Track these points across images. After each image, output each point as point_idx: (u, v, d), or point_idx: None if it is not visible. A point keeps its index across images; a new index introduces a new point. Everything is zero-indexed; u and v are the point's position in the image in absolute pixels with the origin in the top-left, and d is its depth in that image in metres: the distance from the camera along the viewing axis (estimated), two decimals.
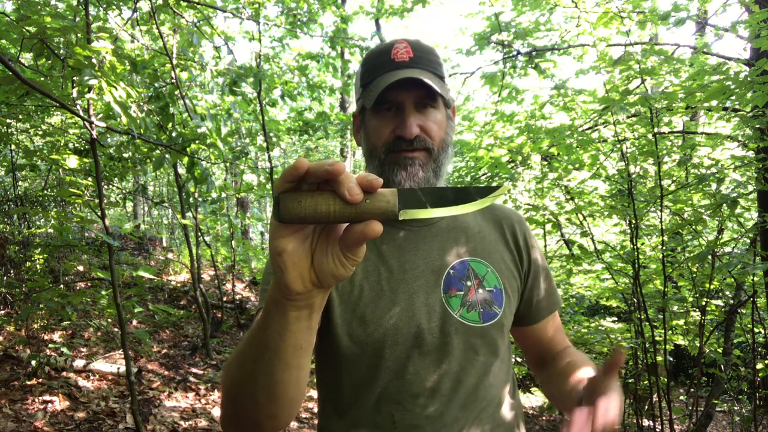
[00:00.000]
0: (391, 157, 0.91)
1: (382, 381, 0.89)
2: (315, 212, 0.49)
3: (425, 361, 0.89)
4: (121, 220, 10.98)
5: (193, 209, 5.05)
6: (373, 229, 0.49)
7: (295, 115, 8.06)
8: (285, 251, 0.52)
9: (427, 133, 0.91)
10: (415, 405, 0.88)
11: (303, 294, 0.55)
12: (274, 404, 0.66)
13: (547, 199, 4.21)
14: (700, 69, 3.10)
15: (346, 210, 0.49)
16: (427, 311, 0.90)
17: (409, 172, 0.90)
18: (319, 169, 0.48)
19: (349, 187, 0.48)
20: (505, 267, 0.99)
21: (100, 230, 2.90)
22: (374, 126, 0.93)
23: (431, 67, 0.92)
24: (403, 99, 0.90)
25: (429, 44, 0.96)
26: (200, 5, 4.15)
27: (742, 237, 3.26)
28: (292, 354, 0.61)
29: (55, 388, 3.46)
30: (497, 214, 1.05)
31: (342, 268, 0.54)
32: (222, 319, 5.98)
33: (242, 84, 4.22)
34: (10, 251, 4.59)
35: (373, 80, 0.93)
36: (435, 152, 0.92)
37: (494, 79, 5.06)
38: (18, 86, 2.13)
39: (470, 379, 0.91)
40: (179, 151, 2.97)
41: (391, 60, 0.91)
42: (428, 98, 0.91)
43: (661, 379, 3.18)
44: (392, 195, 0.50)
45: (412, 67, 0.90)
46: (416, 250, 0.95)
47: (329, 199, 0.49)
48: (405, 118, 0.90)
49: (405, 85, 0.88)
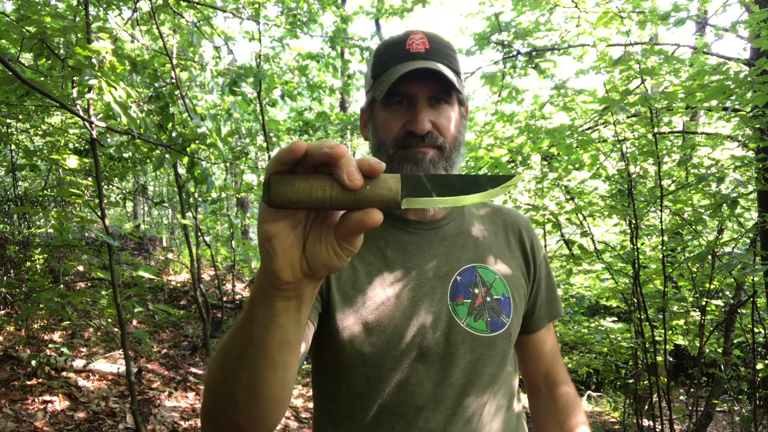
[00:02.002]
0: (400, 153, 0.86)
1: (383, 392, 0.84)
2: (309, 198, 0.44)
3: (429, 372, 0.84)
4: (121, 220, 10.98)
5: (193, 209, 5.05)
6: (373, 218, 0.45)
7: (295, 115, 8.07)
8: (275, 236, 0.48)
9: (439, 130, 0.86)
10: (417, 418, 0.84)
11: (292, 284, 0.50)
12: (256, 406, 0.60)
13: (547, 199, 4.21)
14: (700, 69, 3.10)
15: (344, 196, 0.44)
16: (433, 319, 0.86)
17: (419, 168, 0.85)
18: (317, 150, 0.44)
19: (349, 171, 0.43)
20: (513, 274, 0.94)
21: (100, 230, 2.90)
22: (384, 119, 0.88)
23: (447, 61, 0.87)
24: (416, 92, 0.85)
25: (446, 38, 0.91)
26: (200, 5, 4.15)
27: (742, 237, 3.26)
28: (278, 349, 0.56)
29: (55, 388, 3.46)
30: (505, 219, 1.01)
31: (336, 258, 0.49)
32: (222, 319, 5.99)
33: (242, 84, 4.22)
34: (10, 251, 4.59)
35: (385, 71, 0.87)
36: (447, 151, 0.87)
37: (494, 79, 5.06)
38: (18, 86, 2.13)
39: (476, 391, 0.87)
40: (179, 151, 2.97)
41: (406, 50, 0.86)
42: (443, 93, 0.86)
43: (661, 379, 3.18)
44: (395, 181, 0.46)
45: (428, 58, 0.85)
46: (422, 254, 0.91)
47: (326, 184, 0.44)
48: (417, 112, 0.85)
49: (419, 77, 0.83)
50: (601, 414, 5.49)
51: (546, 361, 1.04)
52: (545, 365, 1.04)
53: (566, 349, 4.67)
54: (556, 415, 1.02)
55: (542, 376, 1.05)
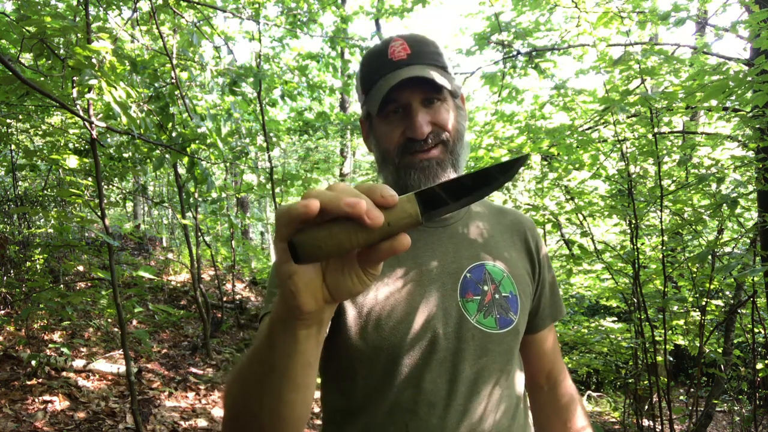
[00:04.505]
0: (405, 160, 0.88)
1: (396, 388, 0.85)
2: (338, 248, 0.44)
3: (441, 368, 0.86)
4: (121, 220, 10.98)
5: (193, 209, 5.05)
6: (402, 244, 0.45)
7: (295, 115, 8.06)
8: (296, 273, 0.48)
9: (440, 126, 0.88)
10: (431, 415, 0.84)
11: (315, 312, 0.51)
12: (280, 426, 0.62)
13: (547, 199, 4.21)
14: (700, 69, 3.10)
15: (370, 236, 0.44)
16: (444, 316, 0.87)
17: (426, 174, 0.87)
18: (336, 208, 0.43)
19: (370, 215, 0.43)
20: (519, 273, 0.96)
21: (100, 230, 2.90)
22: (383, 131, 0.90)
23: (431, 60, 0.89)
24: (408, 98, 0.87)
25: (425, 35, 0.92)
26: (200, 5, 4.15)
27: (742, 237, 3.26)
28: (301, 373, 0.57)
29: (55, 388, 3.46)
30: (510, 219, 1.03)
31: (360, 284, 0.50)
32: (222, 319, 5.98)
33: (242, 84, 4.21)
34: (10, 251, 4.59)
35: (373, 85, 0.89)
36: (450, 144, 0.89)
37: (494, 79, 5.06)
38: (18, 86, 2.13)
39: (486, 388, 0.88)
40: (179, 151, 2.97)
41: (389, 60, 0.88)
42: (434, 92, 0.87)
43: (661, 379, 3.18)
44: (412, 204, 0.46)
45: (412, 64, 0.87)
46: (432, 252, 0.92)
47: (350, 230, 0.44)
48: (413, 118, 0.86)
49: (408, 85, 0.85)
50: (601, 414, 5.49)
51: (548, 360, 1.06)
52: (547, 364, 1.06)
53: (566, 349, 4.67)
54: (558, 414, 1.05)
55: (544, 374, 1.06)
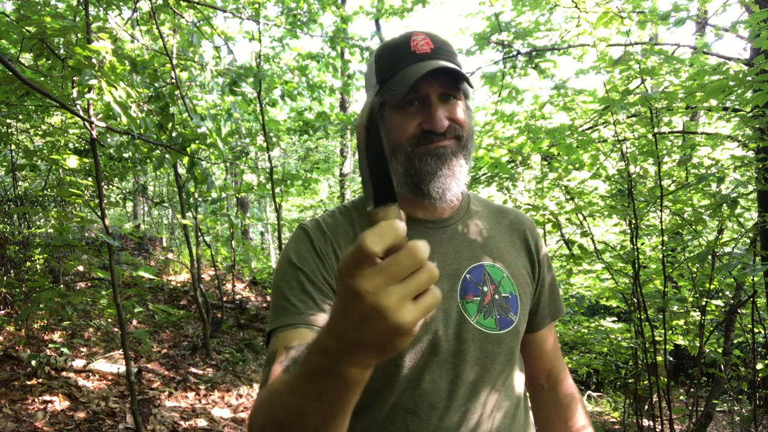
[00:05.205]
0: (420, 149, 0.88)
1: (397, 389, 0.86)
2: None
3: (442, 369, 0.86)
4: (121, 220, 10.98)
5: (193, 209, 5.05)
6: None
7: (295, 115, 8.06)
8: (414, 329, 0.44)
9: (457, 123, 0.89)
10: (431, 416, 0.85)
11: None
12: None
13: (547, 199, 4.21)
14: (700, 69, 3.10)
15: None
16: (444, 317, 0.87)
17: (441, 160, 0.87)
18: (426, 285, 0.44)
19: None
20: (519, 273, 0.97)
21: (100, 230, 2.90)
22: (398, 122, 0.89)
23: (451, 58, 0.89)
24: (427, 91, 0.86)
25: (444, 37, 0.93)
26: (200, 5, 4.15)
27: (742, 237, 3.26)
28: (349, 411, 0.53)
29: (55, 388, 3.46)
30: (509, 219, 1.03)
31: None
32: (222, 319, 5.98)
33: (242, 84, 4.22)
34: (10, 251, 4.59)
35: (394, 74, 0.87)
36: (464, 139, 0.91)
37: (494, 79, 5.06)
38: (18, 86, 2.13)
39: (486, 388, 0.89)
40: (179, 151, 2.97)
41: (412, 52, 0.87)
42: (452, 89, 0.88)
43: (661, 379, 3.18)
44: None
45: (436, 58, 0.86)
46: (432, 253, 0.89)
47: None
48: (433, 111, 0.86)
49: (430, 77, 0.84)
50: (601, 414, 5.49)
51: (548, 359, 1.06)
52: (548, 363, 1.06)
53: (566, 349, 4.67)
54: (559, 412, 1.05)
55: (545, 373, 1.07)
